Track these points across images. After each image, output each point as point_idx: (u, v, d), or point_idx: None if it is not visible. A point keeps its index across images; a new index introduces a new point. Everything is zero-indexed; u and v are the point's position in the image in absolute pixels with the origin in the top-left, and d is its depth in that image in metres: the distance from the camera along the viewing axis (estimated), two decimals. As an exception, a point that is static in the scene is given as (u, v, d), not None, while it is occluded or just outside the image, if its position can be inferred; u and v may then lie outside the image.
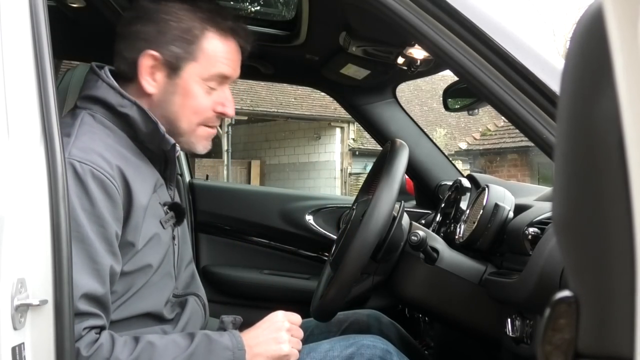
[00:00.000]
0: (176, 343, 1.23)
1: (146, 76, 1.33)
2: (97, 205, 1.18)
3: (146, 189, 1.30)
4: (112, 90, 1.31)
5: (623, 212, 0.47)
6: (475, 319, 1.54)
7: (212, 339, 1.25)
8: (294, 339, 1.33)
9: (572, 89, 0.54)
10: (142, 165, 1.32)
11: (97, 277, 1.17)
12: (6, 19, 1.06)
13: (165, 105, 1.34)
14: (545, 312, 0.52)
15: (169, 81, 1.34)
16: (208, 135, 1.41)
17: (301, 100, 15.90)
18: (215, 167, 15.00)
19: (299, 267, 2.47)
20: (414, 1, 1.22)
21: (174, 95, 1.34)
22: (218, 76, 1.36)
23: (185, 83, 1.34)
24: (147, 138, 1.32)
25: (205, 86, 1.35)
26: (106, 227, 1.19)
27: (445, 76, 6.17)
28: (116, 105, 1.30)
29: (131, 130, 1.32)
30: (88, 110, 1.31)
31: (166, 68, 1.33)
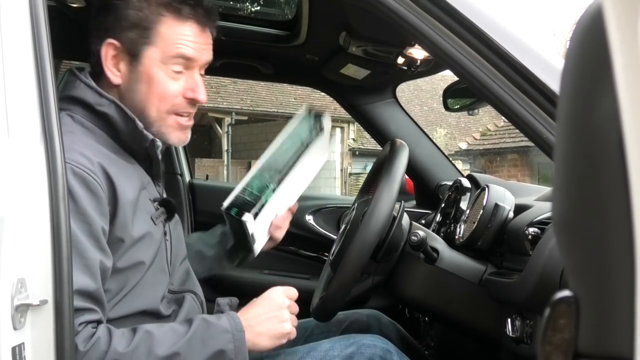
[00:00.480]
0: (174, 330, 1.22)
1: (110, 66, 1.33)
2: (80, 202, 1.17)
3: (132, 185, 1.29)
4: (90, 89, 1.31)
5: (623, 212, 0.47)
6: (475, 319, 1.54)
7: (210, 323, 1.24)
8: (292, 316, 1.33)
9: (572, 89, 0.54)
10: (125, 164, 1.31)
11: (87, 273, 1.16)
12: (6, 19, 1.06)
13: (132, 95, 1.34)
14: (545, 312, 0.52)
15: (132, 69, 1.33)
16: (180, 126, 1.38)
17: (301, 100, 15.89)
18: (215, 167, 15.01)
19: (299, 267, 2.47)
20: (414, 1, 1.22)
21: (138, 84, 1.33)
22: (179, 57, 1.34)
23: (147, 69, 1.32)
24: (128, 137, 1.32)
25: (169, 70, 1.33)
26: (91, 223, 1.18)
27: (445, 76, 6.18)
28: (94, 105, 1.29)
29: (111, 129, 1.31)
30: (67, 111, 1.30)
31: (127, 56, 1.33)
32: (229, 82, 14.65)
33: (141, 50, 1.32)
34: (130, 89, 1.34)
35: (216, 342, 1.22)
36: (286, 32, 2.14)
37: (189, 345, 1.20)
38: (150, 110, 1.34)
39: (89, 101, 1.30)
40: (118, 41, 1.32)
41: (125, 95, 1.34)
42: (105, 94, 1.31)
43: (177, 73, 1.34)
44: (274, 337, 1.29)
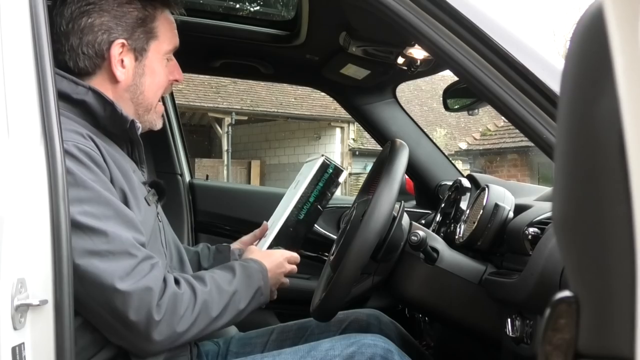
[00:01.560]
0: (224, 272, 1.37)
1: (117, 65, 1.36)
2: (96, 172, 1.21)
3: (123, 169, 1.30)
4: (65, 79, 1.30)
5: (623, 212, 0.47)
6: (475, 319, 1.54)
7: (245, 266, 1.41)
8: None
9: (572, 89, 0.54)
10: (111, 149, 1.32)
11: (133, 227, 1.23)
12: (6, 20, 1.06)
13: (135, 88, 1.39)
14: (545, 312, 0.52)
15: (138, 64, 1.38)
16: (161, 110, 1.47)
17: (301, 100, 15.90)
18: (215, 167, 15.01)
19: (299, 267, 2.46)
20: (414, 1, 1.22)
21: (143, 77, 1.39)
22: (173, 48, 1.44)
23: (150, 62, 1.40)
24: (107, 122, 1.33)
25: (164, 60, 1.42)
26: (113, 190, 1.24)
27: (445, 76, 6.18)
28: (71, 93, 1.30)
29: (90, 117, 1.32)
30: None
31: (134, 52, 1.37)
32: (229, 82, 14.65)
33: (148, 46, 1.38)
34: (133, 84, 1.38)
35: (255, 281, 1.39)
36: (286, 32, 2.14)
37: (241, 284, 1.36)
38: (150, 100, 1.41)
39: (65, 91, 1.29)
40: (126, 40, 1.35)
41: (126, 89, 1.38)
42: (81, 82, 1.31)
43: (168, 60, 1.43)
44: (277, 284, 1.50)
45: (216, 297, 1.30)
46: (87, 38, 1.34)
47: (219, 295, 1.30)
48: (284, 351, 1.44)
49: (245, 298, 1.36)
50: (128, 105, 1.38)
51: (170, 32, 1.42)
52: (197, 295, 1.27)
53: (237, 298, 1.34)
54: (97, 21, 1.34)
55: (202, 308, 1.26)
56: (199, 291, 1.27)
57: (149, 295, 1.19)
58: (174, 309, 1.22)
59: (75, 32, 1.34)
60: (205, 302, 1.27)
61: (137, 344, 1.23)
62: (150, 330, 1.19)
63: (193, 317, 1.25)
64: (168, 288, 1.23)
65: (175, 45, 1.44)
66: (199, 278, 1.31)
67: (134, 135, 1.36)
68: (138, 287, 1.18)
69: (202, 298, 1.27)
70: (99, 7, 1.34)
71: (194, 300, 1.26)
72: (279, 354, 1.43)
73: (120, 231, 1.19)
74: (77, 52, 1.34)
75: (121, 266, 1.17)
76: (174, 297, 1.23)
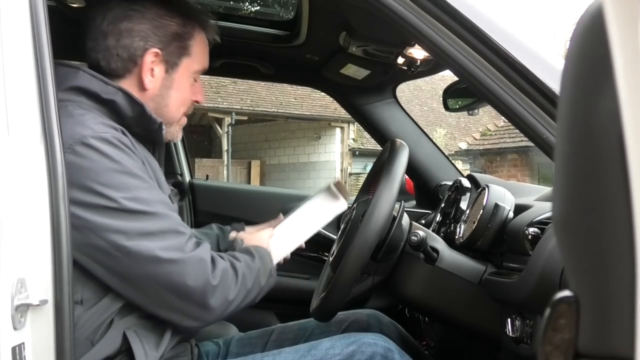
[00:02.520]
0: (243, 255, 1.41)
1: (147, 72, 1.39)
2: (138, 161, 1.26)
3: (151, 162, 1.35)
4: (95, 79, 1.33)
5: (623, 212, 0.47)
6: (475, 319, 1.54)
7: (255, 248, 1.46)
8: None
9: (572, 89, 0.54)
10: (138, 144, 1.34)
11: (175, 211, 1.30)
12: (6, 19, 1.06)
13: (160, 99, 1.42)
14: (545, 312, 0.52)
15: (167, 76, 1.42)
16: (184, 124, 1.53)
17: (301, 100, 15.90)
18: (215, 167, 15.01)
19: (299, 267, 2.46)
20: (414, 1, 1.22)
21: (169, 90, 1.43)
22: (202, 69, 1.49)
23: (180, 77, 1.43)
24: (133, 122, 1.35)
25: (192, 79, 1.46)
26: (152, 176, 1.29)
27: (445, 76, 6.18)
28: (100, 93, 1.32)
29: (117, 117, 1.33)
30: (73, 103, 1.30)
31: (165, 64, 1.41)
32: (229, 82, 14.65)
33: (181, 62, 1.42)
34: (159, 94, 1.42)
35: (267, 263, 1.44)
36: (286, 32, 2.14)
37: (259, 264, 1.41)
38: (173, 113, 1.45)
39: (94, 90, 1.32)
40: (161, 50, 1.39)
41: (151, 98, 1.41)
42: (111, 83, 1.34)
43: (194, 80, 1.48)
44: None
45: (247, 272, 1.36)
46: (124, 41, 1.37)
47: (249, 271, 1.36)
48: (284, 350, 1.44)
49: (264, 277, 1.41)
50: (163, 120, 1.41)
51: (202, 54, 1.47)
52: (236, 268, 1.33)
53: (260, 275, 1.39)
54: (136, 27, 1.38)
55: (242, 280, 1.33)
56: (237, 265, 1.34)
57: (203, 264, 1.26)
58: (225, 277, 1.29)
59: (114, 34, 1.37)
60: (243, 275, 1.34)
61: (194, 312, 1.28)
62: (207, 296, 1.26)
63: (238, 287, 1.31)
64: (216, 258, 1.30)
65: (204, 67, 1.48)
66: (232, 255, 1.38)
67: (159, 137, 1.40)
68: (192, 256, 1.25)
69: (241, 271, 1.34)
70: (141, 14, 1.38)
71: (236, 272, 1.32)
72: (279, 353, 1.43)
73: (168, 212, 1.26)
74: (112, 53, 1.38)
75: (174, 242, 1.24)
76: (223, 266, 1.30)
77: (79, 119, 1.26)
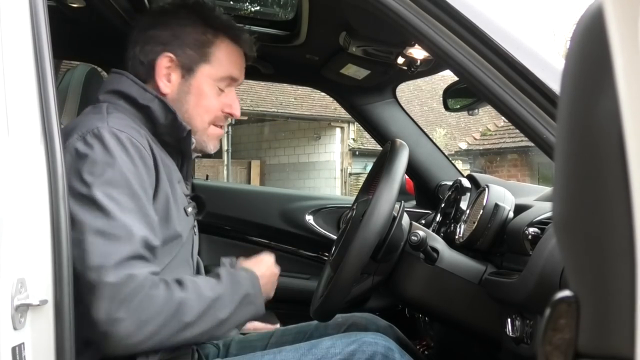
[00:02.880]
0: (208, 279, 1.34)
1: (162, 77, 1.43)
2: (139, 168, 1.26)
3: (172, 177, 1.37)
4: (136, 85, 1.40)
5: (623, 212, 0.47)
6: (475, 319, 1.54)
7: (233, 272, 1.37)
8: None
9: (572, 89, 0.54)
10: (164, 156, 1.39)
11: (150, 229, 1.24)
12: (6, 19, 1.06)
13: (180, 105, 1.44)
14: (545, 312, 0.52)
15: (183, 82, 1.44)
16: (218, 135, 1.52)
17: (301, 100, 15.90)
18: (215, 167, 15.00)
19: (299, 267, 2.47)
20: (414, 1, 1.22)
21: (188, 95, 1.45)
22: (227, 78, 1.48)
23: (199, 83, 1.45)
24: (165, 130, 1.40)
25: (216, 87, 1.46)
26: (147, 190, 1.27)
27: (445, 76, 6.17)
28: (138, 98, 1.38)
29: (150, 124, 1.39)
30: (111, 104, 1.38)
31: (181, 69, 1.44)
32: (229, 82, 14.63)
33: (197, 67, 1.44)
34: (178, 99, 1.44)
35: (243, 287, 1.35)
36: (286, 32, 2.14)
37: (225, 290, 1.32)
38: (195, 120, 1.45)
39: (133, 94, 1.38)
40: (175, 56, 1.42)
41: (172, 103, 1.42)
42: (149, 90, 1.40)
43: (221, 90, 1.48)
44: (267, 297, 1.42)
45: (194, 303, 1.25)
46: (146, 47, 1.44)
47: (198, 301, 1.26)
48: (284, 349, 1.44)
49: (229, 305, 1.30)
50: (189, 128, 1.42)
51: (227, 62, 1.47)
52: (173, 298, 1.22)
53: (218, 305, 1.28)
54: (159, 33, 1.43)
55: (175, 311, 1.22)
56: (176, 294, 1.23)
57: (125, 288, 1.16)
58: (144, 308, 1.18)
59: (140, 41, 1.45)
60: (179, 306, 1.23)
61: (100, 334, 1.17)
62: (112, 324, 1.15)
63: (162, 320, 1.20)
64: (144, 287, 1.18)
65: (230, 75, 1.47)
66: (179, 281, 1.27)
67: (187, 147, 1.43)
68: (119, 278, 1.16)
69: (177, 301, 1.23)
70: (165, 22, 1.44)
71: (169, 302, 1.21)
72: (279, 352, 1.43)
73: (137, 226, 1.21)
74: (137, 59, 1.45)
75: (117, 252, 1.17)
76: (148, 297, 1.18)
77: (106, 115, 1.32)
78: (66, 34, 1.48)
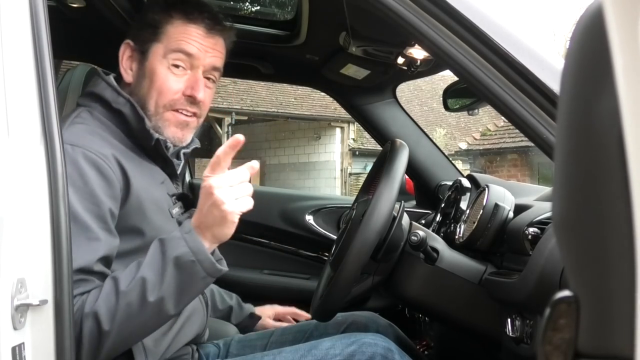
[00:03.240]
0: (137, 261, 1.20)
1: (125, 66, 1.44)
2: (90, 183, 1.21)
3: (149, 180, 1.35)
4: (110, 88, 1.39)
5: (623, 212, 0.47)
6: (475, 319, 1.54)
7: (162, 239, 1.21)
8: (232, 189, 1.21)
9: (572, 89, 0.54)
10: (142, 161, 1.38)
11: (91, 253, 1.18)
12: (6, 19, 1.06)
13: (138, 91, 1.42)
14: (545, 312, 0.52)
15: (140, 66, 1.43)
16: (177, 122, 1.42)
17: (301, 100, 15.89)
18: (215, 167, 14.99)
19: (299, 267, 2.47)
20: (414, 1, 1.22)
21: (144, 79, 1.42)
22: (179, 52, 1.40)
23: (151, 64, 1.42)
24: (139, 134, 1.38)
25: (167, 63, 1.40)
26: (99, 205, 1.21)
27: (445, 76, 6.17)
28: (111, 102, 1.37)
29: (126, 127, 1.38)
30: (87, 107, 1.39)
31: (138, 54, 1.44)
32: (229, 82, 14.63)
33: (149, 48, 1.42)
34: (136, 85, 1.43)
35: (171, 252, 1.18)
36: (286, 32, 2.14)
37: (150, 267, 1.17)
38: (149, 104, 1.41)
39: (107, 98, 1.38)
40: (133, 41, 1.43)
41: (134, 92, 1.42)
42: (122, 93, 1.38)
43: (178, 68, 1.41)
44: (222, 224, 1.20)
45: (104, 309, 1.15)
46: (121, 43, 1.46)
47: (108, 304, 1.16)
48: (284, 349, 1.44)
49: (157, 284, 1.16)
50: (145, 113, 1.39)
51: (177, 36, 1.41)
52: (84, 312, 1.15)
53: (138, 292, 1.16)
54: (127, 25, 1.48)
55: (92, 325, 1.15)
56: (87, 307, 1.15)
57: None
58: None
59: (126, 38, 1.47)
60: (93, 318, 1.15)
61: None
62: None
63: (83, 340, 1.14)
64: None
65: (180, 48, 1.40)
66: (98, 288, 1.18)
67: (162, 151, 1.40)
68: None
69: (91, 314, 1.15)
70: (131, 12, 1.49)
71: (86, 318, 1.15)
72: (279, 353, 1.43)
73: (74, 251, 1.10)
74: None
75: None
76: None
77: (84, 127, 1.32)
78: (66, 34, 1.48)
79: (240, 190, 1.22)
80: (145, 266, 1.17)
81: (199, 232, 1.20)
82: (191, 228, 1.20)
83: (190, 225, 1.21)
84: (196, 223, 1.21)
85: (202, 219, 1.20)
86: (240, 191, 1.22)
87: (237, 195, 1.21)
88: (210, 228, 1.20)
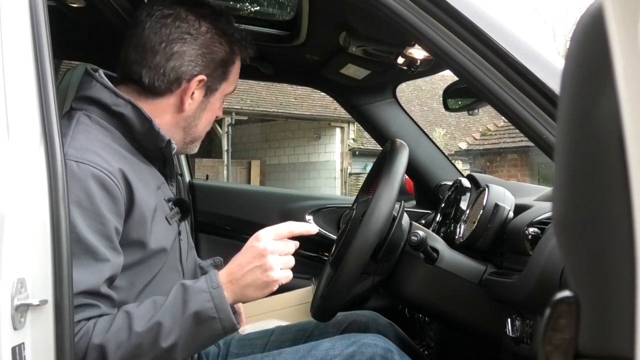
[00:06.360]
0: (155, 302, 1.20)
1: (189, 96, 1.38)
2: (97, 203, 1.18)
3: (149, 189, 1.31)
4: (107, 90, 1.32)
5: (623, 212, 0.47)
6: (475, 319, 1.54)
7: (187, 287, 1.20)
8: (282, 258, 1.23)
9: (572, 89, 0.54)
10: (141, 164, 1.34)
11: (97, 274, 1.16)
12: (6, 19, 1.06)
13: (192, 120, 1.41)
14: (545, 312, 0.52)
15: (204, 100, 1.42)
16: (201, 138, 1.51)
17: (301, 100, 15.89)
18: (215, 167, 15.00)
19: (299, 267, 2.46)
20: (414, 1, 1.22)
21: (203, 112, 1.42)
22: (233, 91, 1.48)
23: (215, 100, 1.43)
24: (143, 137, 1.33)
25: (222, 100, 1.46)
26: (105, 224, 1.19)
27: (445, 76, 6.17)
28: (111, 105, 1.31)
29: (127, 129, 1.32)
30: (84, 111, 1.32)
31: (206, 89, 1.40)
32: (229, 82, 14.63)
33: (219, 87, 1.42)
34: (193, 116, 1.41)
35: (193, 304, 1.17)
36: (286, 32, 2.14)
37: (169, 313, 1.17)
38: (201, 132, 1.46)
39: (105, 101, 1.31)
40: (207, 77, 1.38)
41: (185, 119, 1.40)
42: (121, 95, 1.32)
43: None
44: (260, 288, 1.21)
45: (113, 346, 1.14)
46: (174, 63, 1.35)
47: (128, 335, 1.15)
48: (284, 351, 1.44)
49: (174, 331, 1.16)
50: (178, 132, 1.41)
51: (236, 76, 1.46)
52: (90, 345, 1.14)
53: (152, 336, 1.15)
54: (189, 51, 1.35)
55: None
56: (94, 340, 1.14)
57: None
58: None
59: (165, 53, 1.34)
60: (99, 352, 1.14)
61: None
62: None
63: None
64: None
65: (234, 88, 1.48)
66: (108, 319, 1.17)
67: (168, 154, 1.38)
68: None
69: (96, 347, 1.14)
70: (194, 39, 1.36)
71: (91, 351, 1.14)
72: (279, 354, 1.43)
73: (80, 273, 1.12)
74: (158, 72, 1.35)
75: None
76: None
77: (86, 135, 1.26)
78: (66, 34, 1.48)
79: (287, 262, 1.24)
80: (163, 311, 1.17)
81: (227, 287, 1.21)
82: (220, 284, 1.20)
83: (218, 280, 1.20)
84: (228, 278, 1.21)
85: (240, 276, 1.21)
86: (287, 262, 1.24)
87: (284, 265, 1.23)
88: (246, 287, 1.21)
